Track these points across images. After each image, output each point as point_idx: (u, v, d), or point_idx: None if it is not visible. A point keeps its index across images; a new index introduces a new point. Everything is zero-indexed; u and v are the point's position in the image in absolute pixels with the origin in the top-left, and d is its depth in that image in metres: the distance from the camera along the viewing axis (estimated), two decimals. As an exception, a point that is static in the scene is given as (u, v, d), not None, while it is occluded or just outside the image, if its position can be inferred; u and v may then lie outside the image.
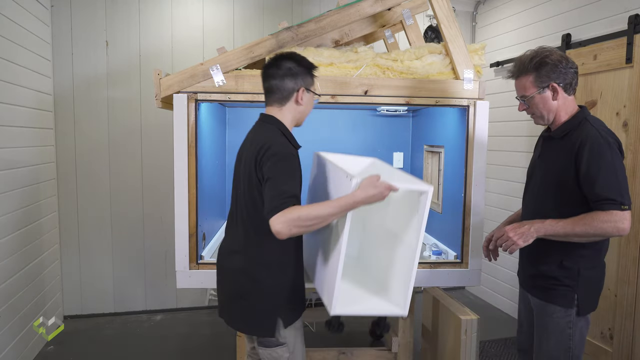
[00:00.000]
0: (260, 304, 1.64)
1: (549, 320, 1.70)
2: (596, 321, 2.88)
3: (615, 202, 1.52)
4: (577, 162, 1.58)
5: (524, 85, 1.70)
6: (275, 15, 3.79)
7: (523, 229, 1.61)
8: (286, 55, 1.71)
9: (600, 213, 1.53)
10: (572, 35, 3.09)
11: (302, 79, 1.68)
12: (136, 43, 3.58)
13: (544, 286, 1.72)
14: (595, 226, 1.53)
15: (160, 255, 3.76)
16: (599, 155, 1.55)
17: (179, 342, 3.29)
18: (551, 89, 1.66)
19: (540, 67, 1.65)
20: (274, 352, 1.65)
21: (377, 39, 3.04)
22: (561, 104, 1.68)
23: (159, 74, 2.19)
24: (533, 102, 1.70)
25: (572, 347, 1.68)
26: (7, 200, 2.71)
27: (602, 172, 1.54)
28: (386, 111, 3.06)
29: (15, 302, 2.79)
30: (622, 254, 2.68)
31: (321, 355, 2.57)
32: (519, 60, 1.73)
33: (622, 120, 2.68)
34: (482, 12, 4.23)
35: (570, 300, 1.66)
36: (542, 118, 1.73)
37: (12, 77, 2.78)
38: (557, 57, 1.65)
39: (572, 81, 1.67)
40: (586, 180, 1.56)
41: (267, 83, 1.69)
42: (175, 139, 2.20)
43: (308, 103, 1.73)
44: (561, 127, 1.69)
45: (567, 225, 1.57)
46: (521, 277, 1.90)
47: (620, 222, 1.51)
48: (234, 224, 1.73)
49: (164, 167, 3.64)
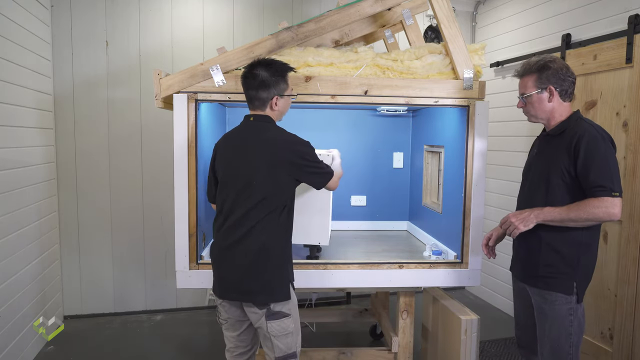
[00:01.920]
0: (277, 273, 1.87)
1: (551, 308, 1.79)
2: (596, 321, 2.88)
3: (605, 189, 1.65)
4: (575, 154, 1.72)
5: (526, 84, 1.86)
6: (275, 15, 3.79)
7: (524, 214, 1.78)
8: (261, 63, 1.88)
9: (592, 199, 1.67)
10: (572, 35, 3.09)
11: (274, 88, 1.88)
12: (136, 43, 3.58)
13: (545, 275, 1.81)
14: (587, 211, 1.66)
15: (160, 255, 3.76)
16: (594, 147, 1.69)
17: (179, 342, 3.29)
18: (548, 91, 1.82)
19: (542, 70, 1.82)
20: (283, 322, 1.86)
21: (377, 39, 3.04)
22: (556, 107, 1.83)
23: (159, 74, 2.19)
24: (530, 101, 1.86)
25: (573, 332, 1.77)
26: (7, 200, 2.71)
27: (596, 162, 1.67)
28: (386, 111, 3.06)
29: (15, 302, 2.79)
30: (622, 254, 2.68)
31: (321, 355, 2.56)
32: (525, 62, 1.89)
33: (622, 120, 2.68)
34: (482, 12, 4.23)
35: (570, 287, 1.77)
36: (535, 117, 1.89)
37: (12, 77, 2.78)
38: (559, 65, 1.81)
39: (568, 89, 1.83)
40: (582, 170, 1.70)
41: (246, 92, 1.92)
42: (175, 139, 2.20)
43: (284, 105, 1.95)
44: (558, 126, 1.84)
45: (563, 211, 1.71)
46: (518, 270, 1.97)
47: (611, 207, 1.64)
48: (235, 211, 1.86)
49: (164, 167, 3.64)
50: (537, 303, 1.86)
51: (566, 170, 1.74)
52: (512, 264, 2.03)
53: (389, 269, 2.34)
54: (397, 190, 3.28)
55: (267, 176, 1.82)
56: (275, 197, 1.83)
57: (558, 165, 1.77)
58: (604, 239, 2.82)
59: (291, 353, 1.89)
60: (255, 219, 1.82)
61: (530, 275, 1.87)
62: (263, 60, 1.91)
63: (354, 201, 3.26)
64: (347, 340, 3.34)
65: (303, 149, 1.87)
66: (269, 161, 1.83)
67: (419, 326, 3.02)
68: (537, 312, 1.87)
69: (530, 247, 1.87)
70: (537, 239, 1.82)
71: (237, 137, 1.93)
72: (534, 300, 1.88)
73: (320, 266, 2.32)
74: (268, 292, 1.85)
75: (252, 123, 1.91)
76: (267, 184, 1.82)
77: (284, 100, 1.93)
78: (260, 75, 1.85)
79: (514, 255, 2.00)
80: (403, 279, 2.35)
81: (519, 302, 2.03)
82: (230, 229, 1.86)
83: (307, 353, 2.56)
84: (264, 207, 1.82)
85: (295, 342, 1.91)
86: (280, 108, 1.93)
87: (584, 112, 2.96)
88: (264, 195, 1.82)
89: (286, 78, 1.92)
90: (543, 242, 1.81)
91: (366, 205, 3.27)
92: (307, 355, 2.56)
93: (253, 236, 1.83)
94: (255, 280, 1.84)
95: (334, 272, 2.32)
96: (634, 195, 2.61)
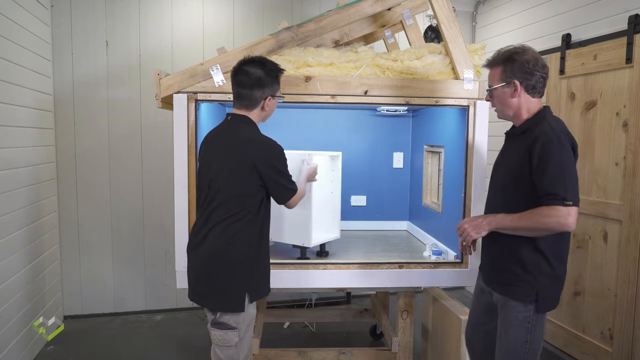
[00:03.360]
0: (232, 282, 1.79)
1: (509, 315, 1.73)
2: (596, 321, 2.88)
3: (557, 197, 1.55)
4: (530, 158, 1.61)
5: (493, 76, 1.76)
6: (275, 15, 3.79)
7: (477, 221, 1.73)
8: (255, 61, 1.83)
9: (543, 208, 1.57)
10: (572, 35, 3.09)
11: (269, 88, 1.83)
12: (136, 43, 3.58)
13: (506, 282, 1.75)
14: (537, 220, 1.57)
15: (160, 255, 3.76)
16: (548, 151, 1.58)
17: (179, 342, 3.29)
18: (512, 86, 1.69)
19: (507, 62, 1.69)
20: (226, 334, 1.78)
21: (377, 39, 3.04)
22: (523, 103, 1.71)
23: (159, 74, 2.19)
24: (495, 95, 1.75)
25: (530, 340, 1.70)
26: (7, 200, 2.71)
27: (549, 168, 1.57)
28: (386, 111, 3.06)
29: (15, 302, 2.79)
30: (622, 254, 2.68)
31: (321, 355, 2.56)
32: (496, 51, 1.77)
33: (622, 120, 2.68)
34: (482, 12, 4.23)
35: (529, 296, 1.68)
36: (501, 112, 1.78)
37: (12, 77, 2.78)
38: (527, 57, 1.67)
39: (536, 84, 1.69)
40: (535, 175, 1.60)
41: (236, 90, 1.84)
42: (175, 139, 2.20)
43: (272, 107, 1.91)
44: (522, 125, 1.73)
45: (515, 219, 1.63)
46: (484, 273, 1.91)
47: (563, 217, 1.53)
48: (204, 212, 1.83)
49: (164, 167, 3.64)
50: (498, 308, 1.81)
51: (523, 176, 1.64)
52: (480, 265, 1.98)
53: (389, 269, 2.34)
54: (397, 190, 3.28)
55: (232, 179, 1.77)
56: (238, 202, 1.76)
57: (515, 170, 1.68)
58: (604, 239, 2.82)
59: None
60: (213, 222, 1.77)
61: (492, 279, 1.83)
62: (256, 58, 1.86)
63: (354, 201, 3.26)
64: (347, 340, 3.34)
65: (276, 155, 1.80)
66: (236, 162, 1.77)
67: (419, 326, 3.02)
68: (499, 315, 1.81)
69: (494, 251, 1.81)
70: (501, 245, 1.75)
71: (214, 137, 1.91)
72: (498, 304, 1.82)
73: (320, 266, 2.32)
74: (218, 300, 1.80)
75: (230, 122, 1.87)
76: (231, 187, 1.77)
77: (274, 101, 1.90)
78: (256, 73, 1.80)
79: (482, 255, 1.94)
80: (403, 279, 2.35)
81: (476, 302, 1.99)
82: (194, 230, 1.88)
83: (307, 353, 2.56)
84: (224, 210, 1.76)
85: (237, 356, 1.83)
86: (269, 109, 1.90)
87: (584, 112, 2.96)
88: (225, 198, 1.77)
89: (279, 78, 1.90)
90: (506, 248, 1.74)
91: (366, 205, 3.27)
92: (307, 355, 2.55)
93: (209, 240, 1.78)
94: (207, 286, 1.81)
95: (334, 272, 2.32)
96: (634, 195, 2.60)
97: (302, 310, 3.55)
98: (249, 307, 1.82)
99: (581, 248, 3.00)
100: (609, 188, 2.79)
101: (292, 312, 3.41)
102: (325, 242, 2.47)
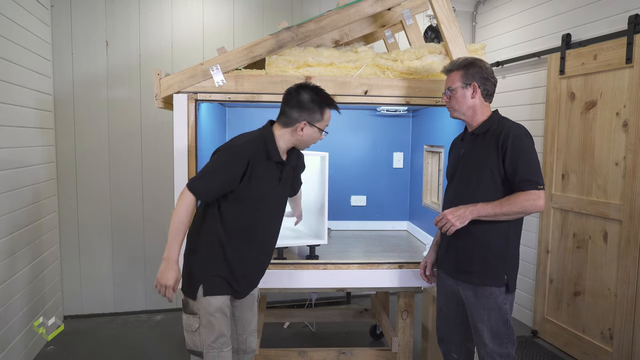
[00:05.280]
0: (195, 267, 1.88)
1: (488, 301, 1.86)
2: (596, 321, 2.88)
3: (532, 183, 1.75)
4: (503, 151, 1.80)
5: (453, 79, 1.92)
6: (275, 15, 3.79)
7: (459, 212, 1.82)
8: (310, 87, 1.86)
9: (521, 193, 1.76)
10: (572, 35, 3.09)
11: (307, 114, 1.83)
12: (136, 43, 3.58)
13: (479, 270, 1.87)
14: (517, 204, 1.75)
15: (160, 255, 3.72)
16: (520, 143, 1.78)
17: (179, 342, 3.29)
18: (472, 88, 1.88)
19: (468, 67, 1.89)
20: (188, 318, 1.87)
21: (377, 39, 3.04)
22: (478, 104, 1.90)
23: (159, 74, 2.19)
24: (455, 95, 1.91)
25: (509, 319, 1.87)
26: (7, 200, 2.71)
27: (522, 158, 1.77)
28: (386, 111, 3.06)
29: (15, 302, 2.79)
30: (622, 254, 2.68)
31: (321, 355, 2.56)
32: (455, 59, 1.99)
33: (622, 120, 2.68)
34: (482, 12, 4.23)
35: (501, 280, 1.85)
36: (458, 111, 1.94)
37: (12, 77, 2.78)
38: (485, 65, 1.91)
39: (490, 89, 1.91)
40: (510, 166, 1.78)
41: (282, 105, 1.88)
42: (175, 139, 2.20)
43: (309, 136, 1.87)
44: (481, 125, 1.91)
45: (496, 206, 1.78)
46: (449, 267, 1.99)
47: (537, 199, 1.74)
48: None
49: (164, 167, 3.64)
50: (469, 298, 1.90)
51: (495, 167, 1.81)
52: (440, 261, 2.07)
53: (389, 269, 2.35)
54: (397, 190, 3.28)
55: None
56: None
57: (486, 163, 1.83)
58: (604, 239, 2.82)
59: (197, 352, 1.88)
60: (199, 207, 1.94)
61: (464, 271, 1.91)
62: (313, 85, 1.88)
63: (354, 201, 3.26)
64: (347, 340, 3.34)
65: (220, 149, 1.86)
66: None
67: (419, 326, 3.02)
68: (470, 306, 1.91)
69: (463, 244, 1.90)
70: (471, 236, 1.87)
71: None
72: (465, 296, 1.92)
73: (320, 266, 2.32)
74: (183, 281, 1.89)
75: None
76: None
77: (313, 130, 1.85)
78: (302, 95, 1.83)
79: (443, 252, 2.03)
80: (403, 279, 2.36)
81: (442, 297, 2.08)
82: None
83: (307, 353, 2.56)
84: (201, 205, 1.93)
85: (201, 343, 1.85)
86: (305, 137, 1.86)
87: (584, 112, 2.96)
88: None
89: (324, 110, 1.86)
90: (476, 238, 1.86)
91: (366, 205, 3.27)
92: (307, 355, 2.56)
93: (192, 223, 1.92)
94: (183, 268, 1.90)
95: (334, 272, 2.32)
96: (634, 195, 2.61)
97: (302, 310, 3.55)
98: (209, 298, 1.83)
99: (581, 248, 3.00)
100: (609, 188, 2.79)
101: (292, 312, 3.41)
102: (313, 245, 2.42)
